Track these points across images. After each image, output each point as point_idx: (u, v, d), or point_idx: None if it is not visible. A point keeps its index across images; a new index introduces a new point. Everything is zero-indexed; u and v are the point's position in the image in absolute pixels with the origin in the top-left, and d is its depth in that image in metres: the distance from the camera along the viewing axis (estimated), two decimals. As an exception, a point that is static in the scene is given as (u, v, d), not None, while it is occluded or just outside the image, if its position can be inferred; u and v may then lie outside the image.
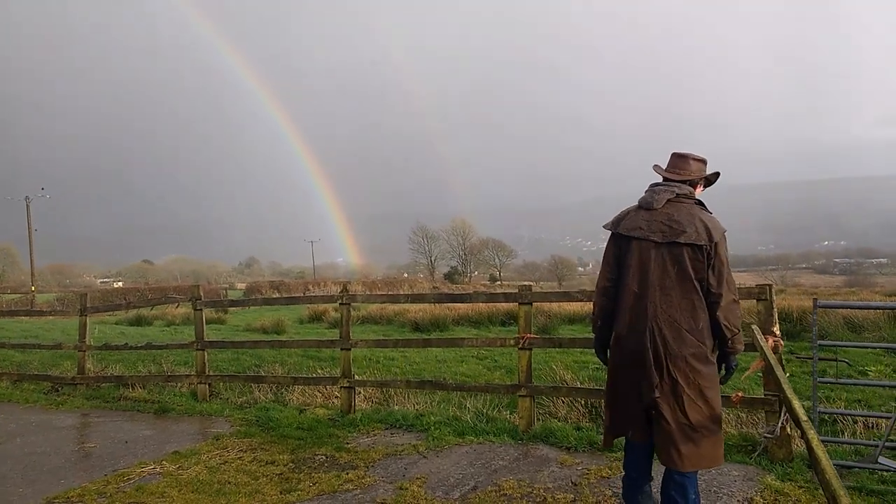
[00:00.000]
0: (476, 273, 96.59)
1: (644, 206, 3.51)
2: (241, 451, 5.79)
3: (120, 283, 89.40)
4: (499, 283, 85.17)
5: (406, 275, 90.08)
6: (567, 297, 5.90)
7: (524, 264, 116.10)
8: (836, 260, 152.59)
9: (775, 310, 4.91)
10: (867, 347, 6.12)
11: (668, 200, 3.46)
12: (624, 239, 3.52)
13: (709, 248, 3.32)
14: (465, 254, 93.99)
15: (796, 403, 3.84)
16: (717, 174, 3.70)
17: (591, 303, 3.84)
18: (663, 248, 3.38)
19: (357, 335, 18.62)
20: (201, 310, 7.66)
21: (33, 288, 48.88)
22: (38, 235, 50.65)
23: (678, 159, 3.63)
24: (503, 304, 12.21)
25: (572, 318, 19.56)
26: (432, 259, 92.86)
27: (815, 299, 4.34)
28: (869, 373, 7.84)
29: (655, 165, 3.70)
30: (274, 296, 30.58)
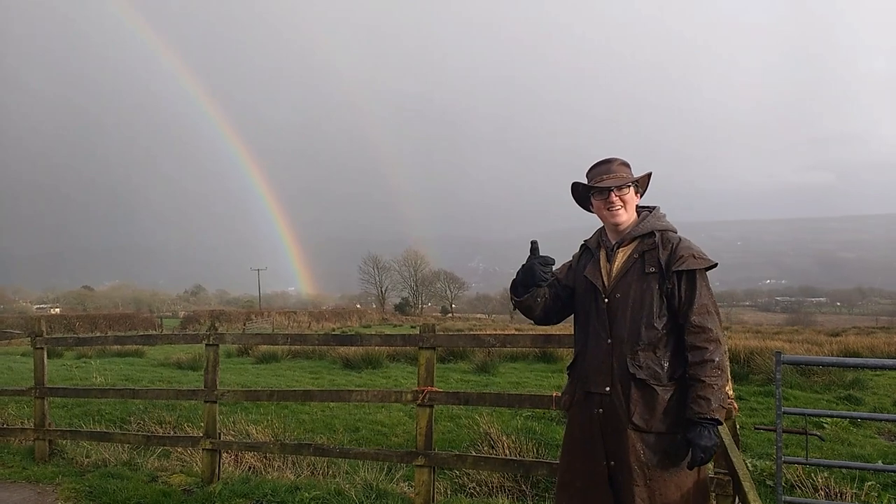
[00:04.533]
0: (428, 304, 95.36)
1: None
2: (49, 540, 4.40)
3: (57, 310, 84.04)
4: (450, 315, 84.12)
5: (359, 305, 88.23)
6: (477, 340, 4.80)
7: (477, 297, 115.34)
8: (778, 298, 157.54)
9: (727, 364, 3.90)
10: (846, 417, 5.19)
11: None
12: None
13: None
14: (416, 285, 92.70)
15: (753, 498, 2.77)
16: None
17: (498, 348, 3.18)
18: None
19: (283, 371, 17.42)
20: (42, 348, 6.21)
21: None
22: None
23: None
24: (400, 347, 10.95)
25: (515, 355, 18.46)
26: (383, 290, 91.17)
27: (777, 353, 3.33)
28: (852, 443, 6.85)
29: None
30: (130, 334, 28.62)
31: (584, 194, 2.85)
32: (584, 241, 2.95)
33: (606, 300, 2.69)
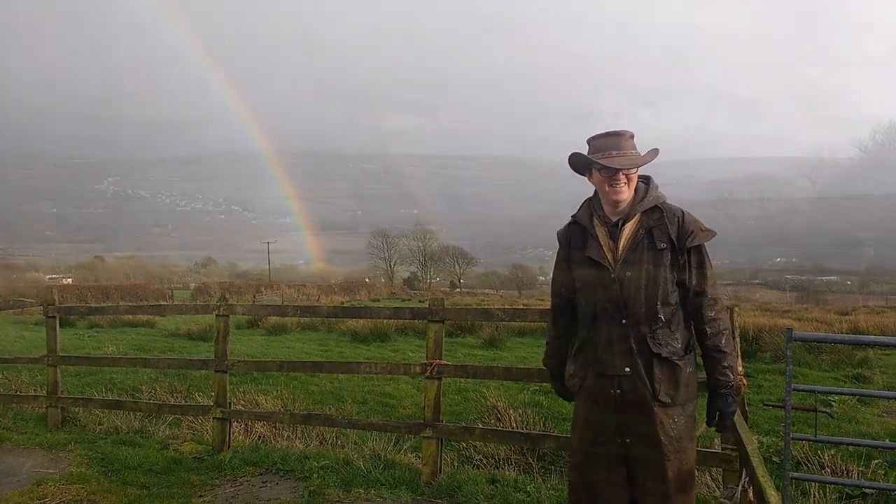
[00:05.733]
0: (437, 279, 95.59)
1: None
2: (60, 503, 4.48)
3: (69, 280, 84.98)
4: (458, 289, 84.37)
5: (368, 279, 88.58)
6: (486, 314, 4.80)
7: (485, 272, 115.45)
8: (788, 276, 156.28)
9: (738, 341, 3.88)
10: (855, 395, 5.17)
11: None
12: None
13: None
14: (425, 260, 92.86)
15: (761, 473, 2.78)
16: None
17: (506, 322, 3.27)
18: None
19: (292, 343, 17.59)
20: (55, 317, 6.28)
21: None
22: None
23: None
24: (409, 320, 10.99)
25: (522, 330, 18.49)
26: (392, 264, 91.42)
27: (788, 330, 3.29)
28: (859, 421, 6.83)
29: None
30: (141, 304, 28.92)
31: (584, 164, 2.71)
32: (573, 216, 2.82)
33: (616, 279, 2.60)
